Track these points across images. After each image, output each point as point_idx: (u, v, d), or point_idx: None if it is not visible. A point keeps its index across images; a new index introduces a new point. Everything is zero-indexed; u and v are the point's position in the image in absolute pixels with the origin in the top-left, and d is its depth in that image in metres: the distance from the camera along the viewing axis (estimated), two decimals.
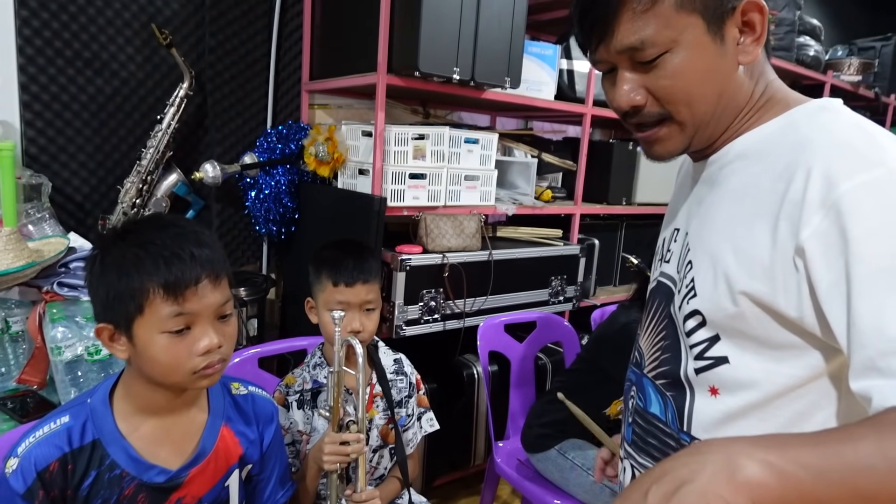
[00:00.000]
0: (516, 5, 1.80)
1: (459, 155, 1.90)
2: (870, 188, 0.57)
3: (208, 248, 0.83)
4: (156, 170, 1.80)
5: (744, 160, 0.72)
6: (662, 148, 0.74)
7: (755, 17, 0.68)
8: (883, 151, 0.59)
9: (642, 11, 0.66)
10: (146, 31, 1.81)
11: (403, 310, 1.78)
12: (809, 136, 0.64)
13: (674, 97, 0.69)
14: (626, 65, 0.70)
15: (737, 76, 0.71)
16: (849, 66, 3.47)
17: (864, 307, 0.56)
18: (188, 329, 0.82)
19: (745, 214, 0.68)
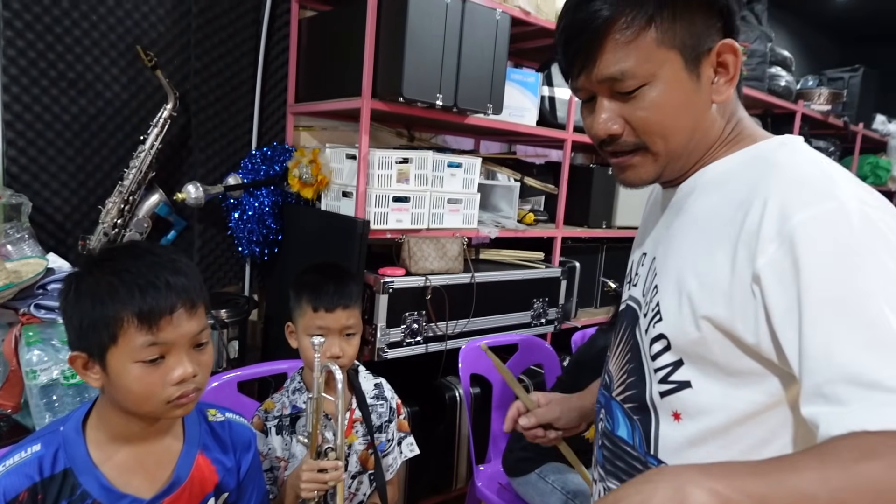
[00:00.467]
0: (499, 34, 1.84)
1: (443, 178, 1.92)
2: (821, 220, 0.60)
3: (184, 275, 0.83)
4: (138, 190, 1.80)
5: (708, 189, 0.75)
6: (634, 175, 0.77)
7: (729, 58, 0.71)
8: (835, 186, 0.62)
9: (625, 43, 0.69)
10: (131, 53, 1.82)
11: (386, 332, 1.78)
12: (768, 169, 0.68)
13: (650, 128, 0.72)
14: (605, 94, 0.73)
15: (710, 113, 0.74)
16: (819, 95, 3.59)
17: (814, 335, 0.59)
18: (162, 358, 0.81)
19: (708, 241, 0.70)
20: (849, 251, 0.59)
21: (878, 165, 4.33)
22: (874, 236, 0.59)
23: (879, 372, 0.55)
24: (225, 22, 1.96)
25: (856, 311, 0.57)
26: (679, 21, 0.68)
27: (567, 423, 1.07)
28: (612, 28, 0.69)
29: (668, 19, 0.68)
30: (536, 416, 1.05)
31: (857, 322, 0.57)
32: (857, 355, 0.56)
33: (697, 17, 0.69)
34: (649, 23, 0.68)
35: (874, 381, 0.55)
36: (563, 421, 1.07)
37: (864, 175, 4.35)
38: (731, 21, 0.71)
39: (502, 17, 1.84)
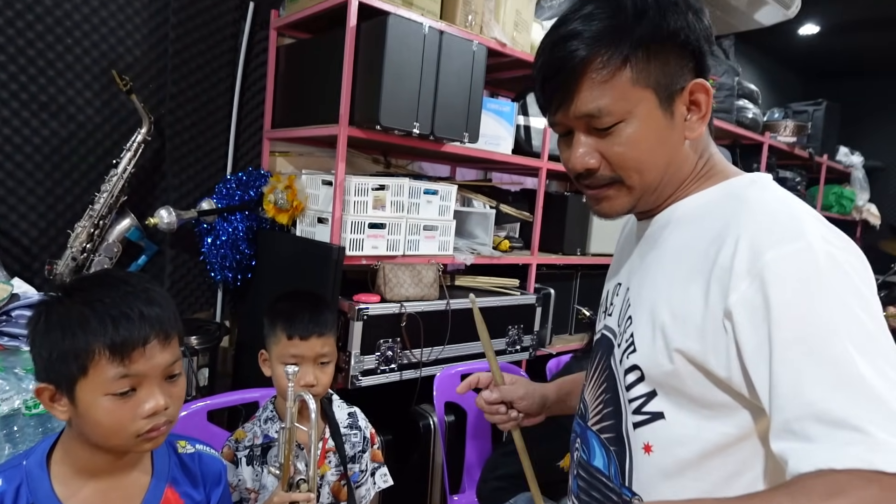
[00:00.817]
0: (475, 65, 1.88)
1: (419, 205, 1.93)
2: (791, 260, 0.62)
3: (158, 306, 0.82)
4: (109, 214, 1.77)
5: (683, 223, 0.77)
6: (609, 207, 0.79)
7: (701, 97, 0.74)
8: (803, 226, 0.65)
9: (601, 83, 0.71)
10: (106, 77, 1.81)
11: (360, 360, 1.77)
12: (740, 207, 0.70)
13: (625, 164, 0.74)
14: (582, 129, 0.75)
15: (683, 149, 0.76)
16: (784, 128, 3.71)
17: (784, 373, 0.60)
18: (133, 391, 0.79)
19: (682, 275, 0.72)
20: (816, 292, 0.61)
21: (842, 195, 4.48)
22: (839, 277, 0.62)
23: (846, 410, 0.56)
24: (202, 48, 1.96)
25: (823, 350, 0.59)
26: (653, 61, 0.71)
27: (529, 405, 1.06)
28: (589, 67, 0.71)
29: (643, 59, 0.70)
30: (501, 391, 1.04)
31: (825, 361, 0.59)
32: (824, 394, 0.58)
33: (671, 57, 0.72)
34: (625, 63, 0.70)
35: (840, 418, 0.56)
36: (526, 402, 1.05)
37: (829, 204, 4.49)
38: (702, 61, 0.74)
39: (478, 49, 1.88)
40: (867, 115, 5.07)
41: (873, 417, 0.55)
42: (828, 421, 0.57)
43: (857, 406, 0.56)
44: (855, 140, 4.86)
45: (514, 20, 2.14)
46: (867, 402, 0.56)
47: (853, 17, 3.84)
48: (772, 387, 0.61)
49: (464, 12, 1.93)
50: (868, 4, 3.57)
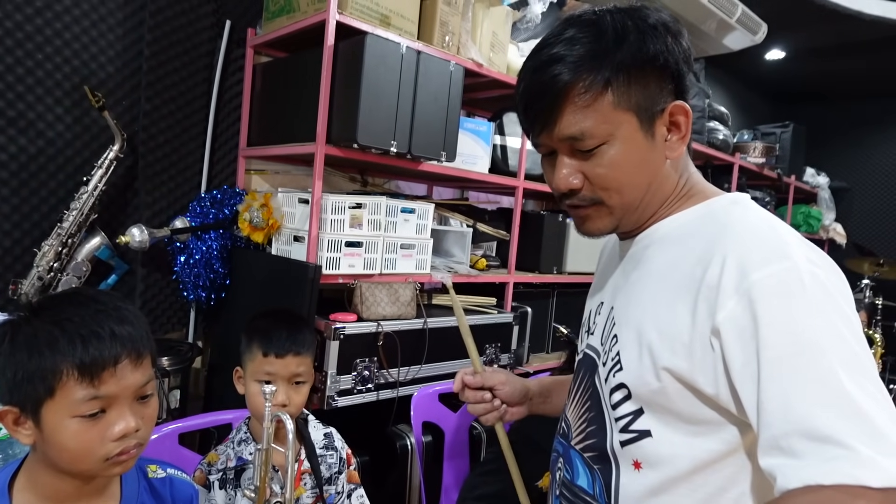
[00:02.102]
0: (452, 84, 1.90)
1: (396, 224, 1.93)
2: (778, 279, 0.64)
3: (130, 325, 0.79)
4: (78, 232, 1.73)
5: (666, 243, 0.78)
6: (593, 226, 0.80)
7: (681, 118, 0.76)
8: (788, 246, 0.66)
9: (583, 107, 0.72)
10: (78, 93, 1.78)
11: (336, 380, 1.74)
12: (725, 227, 0.71)
13: (608, 184, 0.75)
14: (566, 151, 0.76)
15: (664, 169, 0.78)
16: (754, 149, 3.81)
17: (771, 389, 0.61)
18: (103, 412, 0.76)
19: (668, 294, 0.72)
20: (802, 311, 0.62)
21: (809, 215, 4.60)
22: (824, 297, 0.63)
23: (832, 427, 0.57)
24: (178, 65, 1.95)
25: (810, 368, 0.60)
26: (634, 84, 0.72)
27: (511, 392, 1.06)
28: (572, 92, 0.72)
29: (624, 83, 0.72)
30: (483, 377, 1.05)
31: (811, 379, 0.60)
32: (811, 410, 0.59)
33: (651, 80, 0.73)
34: (606, 87, 0.72)
35: (827, 435, 0.57)
36: (508, 389, 1.05)
37: (797, 224, 4.60)
38: (681, 82, 0.76)
39: (456, 69, 1.90)
40: (832, 137, 5.24)
41: (859, 434, 0.56)
42: (815, 437, 0.58)
43: (842, 423, 0.57)
44: (821, 161, 5.02)
45: (491, 41, 2.17)
46: (853, 419, 0.57)
47: (817, 43, 3.98)
48: (759, 403, 0.62)
49: (441, 33, 1.95)
50: (830, 32, 3.71)
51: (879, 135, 5.08)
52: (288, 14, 1.90)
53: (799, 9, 3.27)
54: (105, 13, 1.83)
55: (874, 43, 3.81)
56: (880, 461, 0.55)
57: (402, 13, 1.85)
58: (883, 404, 0.58)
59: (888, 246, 4.84)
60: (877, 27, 3.42)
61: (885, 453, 0.55)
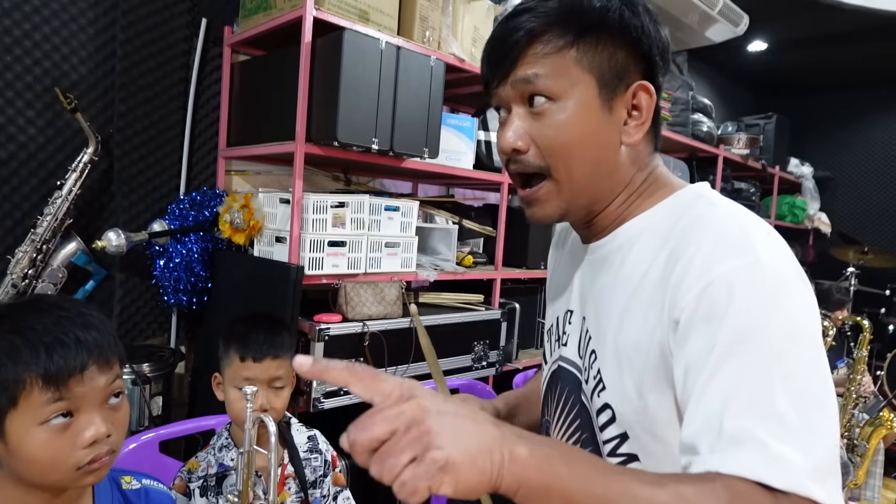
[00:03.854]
0: (433, 80, 1.87)
1: (380, 222, 1.90)
2: (739, 273, 0.61)
3: (96, 330, 0.76)
4: (53, 238, 1.69)
5: (634, 247, 0.74)
6: (541, 210, 0.77)
7: (644, 99, 0.73)
8: (753, 241, 0.64)
9: (544, 55, 0.71)
10: (50, 95, 1.74)
11: (322, 381, 1.71)
12: (691, 223, 0.69)
13: (553, 150, 0.72)
14: (518, 105, 0.74)
15: (618, 155, 0.74)
16: (738, 140, 3.82)
17: (711, 386, 0.59)
18: (71, 418, 0.73)
19: (640, 303, 0.69)
20: (759, 307, 0.60)
21: (794, 205, 4.62)
22: (778, 294, 0.61)
23: (748, 429, 0.55)
24: (152, 65, 1.91)
25: (748, 368, 0.58)
26: (601, 49, 0.71)
27: None
28: (536, 40, 0.71)
29: (591, 44, 0.70)
30: None
31: (748, 378, 0.58)
32: (738, 410, 0.56)
33: (619, 52, 0.72)
34: (572, 43, 0.70)
35: (742, 433, 0.55)
36: None
37: (782, 214, 4.63)
38: (651, 68, 0.74)
39: (437, 64, 1.87)
40: (815, 127, 5.28)
41: (768, 433, 0.55)
42: (728, 436, 0.56)
43: (759, 422, 0.55)
44: (804, 152, 5.05)
45: (472, 36, 2.15)
46: (770, 419, 0.55)
47: (798, 34, 4.00)
48: (693, 397, 0.60)
49: (421, 28, 1.93)
50: (811, 23, 3.72)
51: (861, 124, 5.12)
52: (264, 11, 1.87)
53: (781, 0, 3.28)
54: (76, 13, 1.79)
55: (855, 33, 3.84)
56: (788, 457, 0.53)
57: (380, 8, 1.82)
58: (812, 415, 0.56)
59: (872, 234, 4.88)
60: (857, 17, 3.44)
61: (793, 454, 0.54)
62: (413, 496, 0.46)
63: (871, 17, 3.42)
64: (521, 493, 0.51)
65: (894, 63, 4.44)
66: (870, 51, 4.20)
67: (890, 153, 4.97)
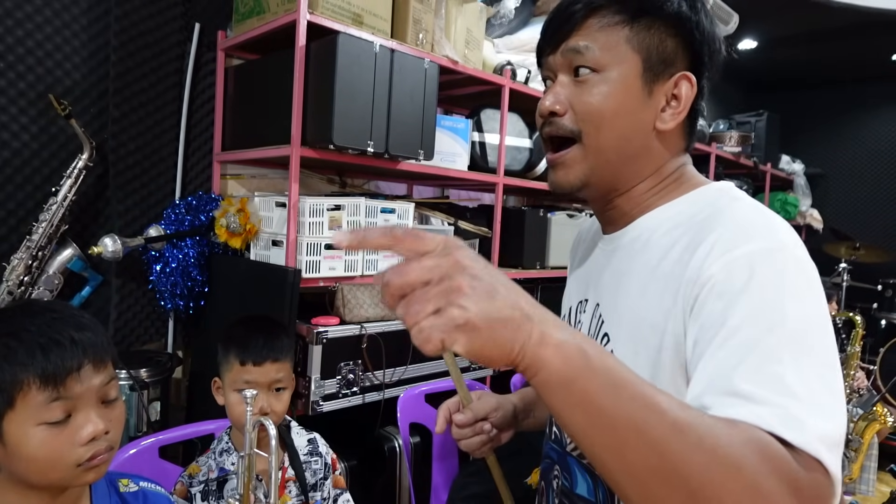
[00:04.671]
0: (427, 82, 1.88)
1: (376, 224, 1.91)
2: (762, 255, 0.62)
3: (90, 331, 0.77)
4: (48, 245, 1.69)
5: (654, 235, 0.75)
6: (564, 174, 0.78)
7: (684, 89, 0.75)
8: (775, 229, 0.66)
9: (598, 28, 0.74)
10: (44, 101, 1.73)
11: (320, 384, 1.72)
12: (713, 215, 0.70)
13: (589, 115, 0.75)
14: (564, 74, 0.77)
15: (649, 136, 0.76)
16: (730, 138, 3.85)
17: (721, 352, 0.59)
18: (69, 417, 0.75)
19: (656, 289, 0.70)
20: (786, 290, 0.60)
21: (786, 202, 4.66)
22: (804, 281, 0.62)
23: (759, 391, 0.55)
24: (146, 70, 1.91)
25: (762, 340, 0.58)
26: (653, 32, 0.74)
27: (503, 416, 0.99)
28: (593, 15, 0.75)
29: (644, 26, 0.74)
30: (473, 410, 0.96)
31: (761, 350, 0.57)
32: (748, 377, 0.56)
33: (670, 40, 0.74)
34: (627, 21, 0.74)
35: (754, 395, 0.55)
36: (500, 413, 0.98)
37: (775, 211, 4.63)
38: (699, 63, 0.76)
39: (430, 66, 1.88)
40: (805, 124, 5.32)
41: (782, 400, 0.54)
42: (739, 395, 0.55)
43: (771, 391, 0.55)
44: (795, 148, 5.08)
45: (466, 38, 2.16)
46: (781, 390, 0.55)
47: (787, 32, 4.03)
48: (702, 361, 0.60)
49: (415, 31, 1.93)
50: (800, 20, 3.75)
51: (851, 121, 5.17)
52: (258, 15, 1.87)
53: None
54: (69, 19, 1.78)
55: (843, 30, 3.87)
56: (805, 420, 0.53)
57: (374, 12, 1.83)
58: (821, 397, 0.55)
59: (864, 230, 4.92)
60: (845, 14, 3.47)
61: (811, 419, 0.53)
62: (426, 344, 0.47)
63: (859, 14, 3.45)
64: (540, 377, 0.50)
65: (883, 59, 4.48)
66: (858, 47, 4.24)
67: (880, 149, 5.02)
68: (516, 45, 2.53)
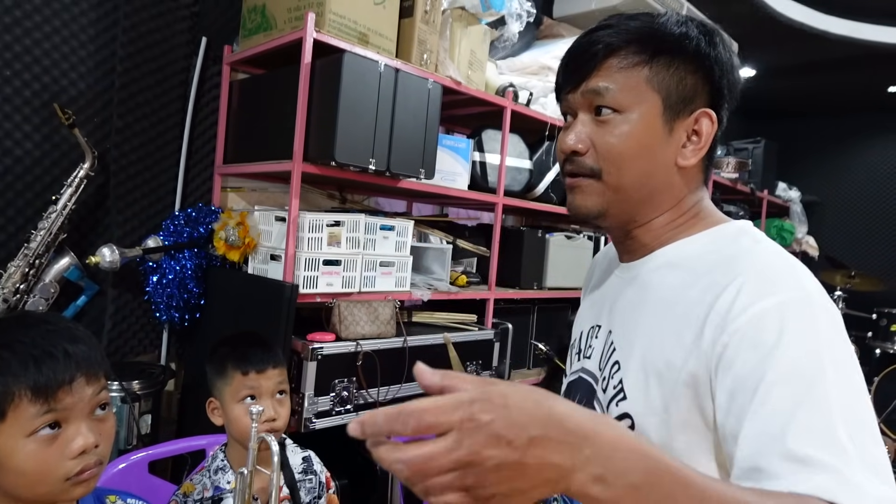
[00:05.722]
0: (430, 102, 1.89)
1: (375, 241, 1.91)
2: (791, 306, 0.63)
3: (84, 343, 0.77)
4: (46, 253, 1.68)
5: (672, 269, 0.76)
6: (582, 199, 0.78)
7: (704, 125, 0.76)
8: (799, 277, 0.66)
9: (618, 69, 0.74)
10: (48, 110, 1.74)
11: (314, 401, 1.70)
12: (735, 256, 0.70)
13: (609, 155, 0.75)
14: (585, 110, 0.77)
15: (670, 172, 0.77)
16: (727, 164, 3.88)
17: (763, 409, 0.59)
18: (59, 429, 0.74)
19: (674, 323, 0.70)
20: (812, 339, 0.61)
21: (783, 228, 4.68)
22: (833, 331, 0.63)
23: (816, 453, 0.55)
24: (151, 81, 1.92)
25: (808, 396, 0.58)
26: (673, 72, 0.74)
27: None
28: (613, 55, 0.75)
29: (664, 66, 0.74)
30: None
31: (809, 407, 0.58)
32: (798, 436, 0.57)
33: (689, 78, 0.75)
34: (646, 61, 0.74)
35: (809, 458, 0.55)
36: None
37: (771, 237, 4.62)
38: (718, 98, 0.77)
39: (434, 87, 1.90)
40: (802, 152, 5.37)
41: (838, 461, 0.55)
42: (796, 460, 0.56)
43: (826, 451, 0.56)
44: (792, 176, 5.13)
45: (469, 59, 2.18)
46: (835, 448, 0.56)
47: (785, 62, 4.09)
48: (748, 420, 0.60)
49: (419, 51, 1.95)
50: (798, 51, 3.81)
51: (847, 150, 5.22)
52: (265, 32, 1.89)
53: (768, 28, 3.36)
54: (77, 29, 1.80)
55: (840, 61, 3.93)
56: (864, 486, 0.54)
57: (380, 31, 1.85)
58: (871, 449, 0.56)
59: (859, 258, 4.95)
60: (842, 46, 3.52)
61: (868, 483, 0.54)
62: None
63: (856, 47, 3.51)
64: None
65: (879, 91, 4.55)
66: (855, 79, 4.30)
67: (875, 179, 5.07)
68: (519, 67, 2.55)
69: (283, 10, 1.81)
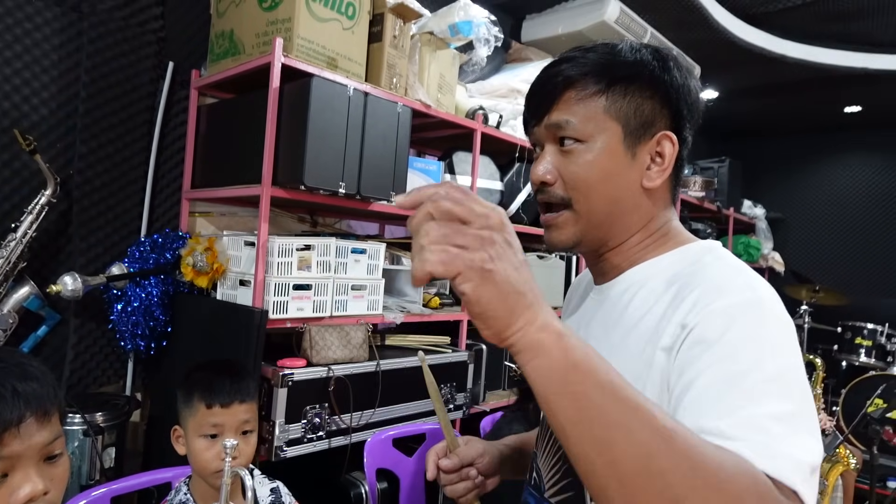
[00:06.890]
0: (400, 125, 1.90)
1: (346, 264, 1.90)
2: (738, 307, 0.65)
3: (35, 381, 0.74)
4: (4, 283, 1.63)
5: (640, 289, 0.78)
6: (557, 234, 0.81)
7: (667, 147, 0.78)
8: (753, 284, 0.68)
9: (576, 101, 0.77)
10: (7, 136, 1.70)
11: (284, 429, 1.67)
12: (697, 272, 0.72)
13: (576, 184, 0.77)
14: (550, 144, 0.79)
15: (637, 194, 0.79)
16: (694, 183, 3.97)
17: (692, 394, 0.61)
18: (5, 476, 0.70)
19: (638, 341, 0.72)
20: (754, 336, 0.62)
21: (749, 245, 4.79)
22: (779, 335, 0.64)
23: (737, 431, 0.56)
24: (116, 106, 1.89)
25: (739, 382, 0.60)
26: (629, 99, 0.76)
27: (490, 462, 0.97)
28: (571, 87, 0.77)
29: (620, 94, 0.76)
30: (459, 455, 0.94)
31: (737, 392, 0.59)
32: (722, 415, 0.58)
33: (647, 104, 0.77)
34: (602, 92, 0.76)
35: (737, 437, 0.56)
36: (487, 459, 0.96)
37: (738, 253, 4.79)
38: (679, 120, 0.79)
39: (403, 110, 1.91)
40: (766, 170, 5.53)
41: (765, 438, 0.56)
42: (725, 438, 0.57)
43: (751, 432, 0.57)
44: (757, 194, 5.27)
45: (438, 83, 2.20)
46: (758, 429, 0.57)
47: (746, 84, 4.23)
48: (682, 408, 0.62)
49: (388, 75, 1.97)
50: (757, 74, 3.94)
51: (809, 167, 5.39)
52: (233, 56, 1.89)
53: (728, 52, 3.47)
54: (39, 55, 1.77)
55: (798, 84, 4.07)
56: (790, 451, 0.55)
57: (348, 56, 1.86)
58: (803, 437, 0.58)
59: (823, 273, 5.08)
60: (800, 69, 3.65)
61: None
62: (439, 265, 0.48)
63: (813, 70, 3.64)
64: (537, 363, 0.51)
65: (836, 111, 4.72)
66: (813, 99, 4.46)
67: (835, 195, 5.23)
68: (489, 90, 2.59)
69: (252, 35, 1.82)
